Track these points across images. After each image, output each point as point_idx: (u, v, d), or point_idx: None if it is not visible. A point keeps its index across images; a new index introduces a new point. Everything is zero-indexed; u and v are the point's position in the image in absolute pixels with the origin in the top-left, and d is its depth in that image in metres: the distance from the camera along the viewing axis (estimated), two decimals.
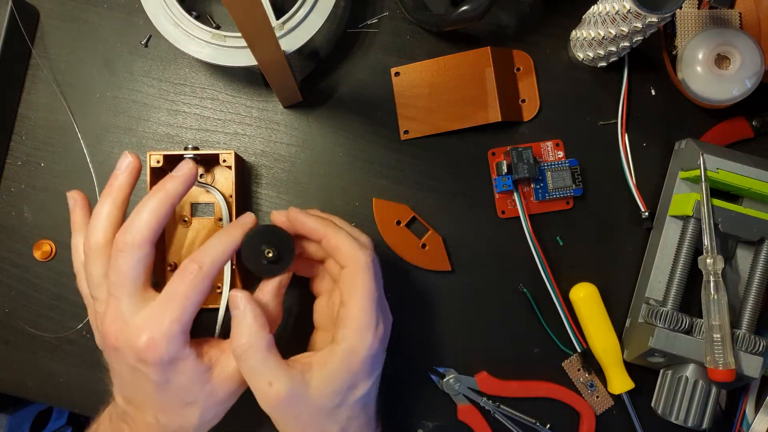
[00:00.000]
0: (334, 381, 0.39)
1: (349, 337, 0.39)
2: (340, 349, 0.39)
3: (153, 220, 0.39)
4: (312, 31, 0.47)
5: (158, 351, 0.37)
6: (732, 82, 0.49)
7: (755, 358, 0.46)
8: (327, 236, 0.41)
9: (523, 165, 0.50)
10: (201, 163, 0.50)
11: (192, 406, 0.40)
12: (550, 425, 0.52)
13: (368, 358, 0.39)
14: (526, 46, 0.54)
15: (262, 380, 0.38)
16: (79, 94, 0.52)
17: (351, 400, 0.40)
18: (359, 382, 0.40)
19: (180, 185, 0.40)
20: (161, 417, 0.40)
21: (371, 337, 0.39)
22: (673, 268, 0.49)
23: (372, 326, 0.39)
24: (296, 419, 0.39)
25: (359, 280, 0.40)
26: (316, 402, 0.39)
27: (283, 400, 0.38)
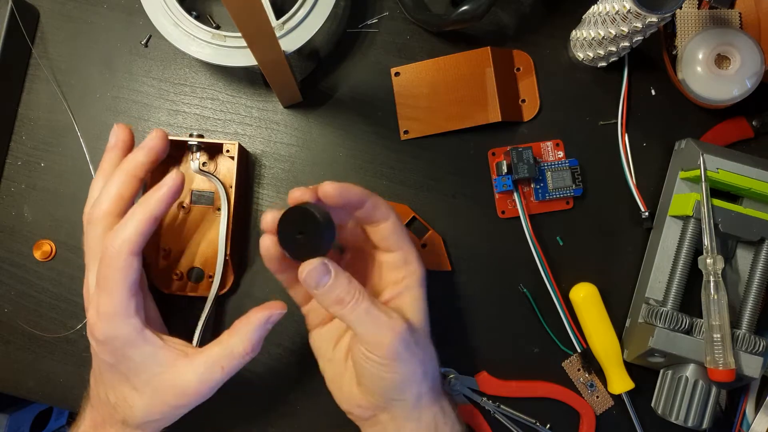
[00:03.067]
0: (423, 305, 0.43)
1: (415, 269, 0.43)
2: (414, 279, 0.43)
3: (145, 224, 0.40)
4: (312, 31, 0.47)
5: (98, 330, 0.40)
6: (732, 82, 0.49)
7: (755, 358, 0.46)
8: (371, 196, 0.42)
9: (523, 165, 0.50)
10: (205, 152, 0.50)
11: (137, 394, 0.40)
12: (550, 425, 0.52)
13: (423, 276, 0.44)
14: (526, 46, 0.54)
15: (382, 316, 0.39)
16: (79, 94, 0.52)
17: (421, 352, 0.42)
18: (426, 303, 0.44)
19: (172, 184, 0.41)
20: (110, 395, 0.41)
21: (422, 263, 0.44)
22: (673, 268, 0.49)
23: (419, 255, 0.44)
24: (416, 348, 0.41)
25: (399, 226, 0.43)
26: (421, 327, 0.42)
27: (405, 326, 0.40)
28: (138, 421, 0.41)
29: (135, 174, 0.43)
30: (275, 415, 0.51)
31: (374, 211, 0.42)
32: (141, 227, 0.39)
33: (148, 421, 0.41)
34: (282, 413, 0.51)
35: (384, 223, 0.42)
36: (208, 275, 0.50)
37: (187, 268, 0.51)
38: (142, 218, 0.40)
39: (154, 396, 0.40)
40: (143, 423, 0.41)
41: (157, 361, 0.40)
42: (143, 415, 0.41)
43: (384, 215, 0.42)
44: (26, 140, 0.52)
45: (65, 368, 0.51)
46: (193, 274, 0.51)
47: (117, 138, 0.45)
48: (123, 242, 0.39)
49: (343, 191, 0.40)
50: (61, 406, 0.52)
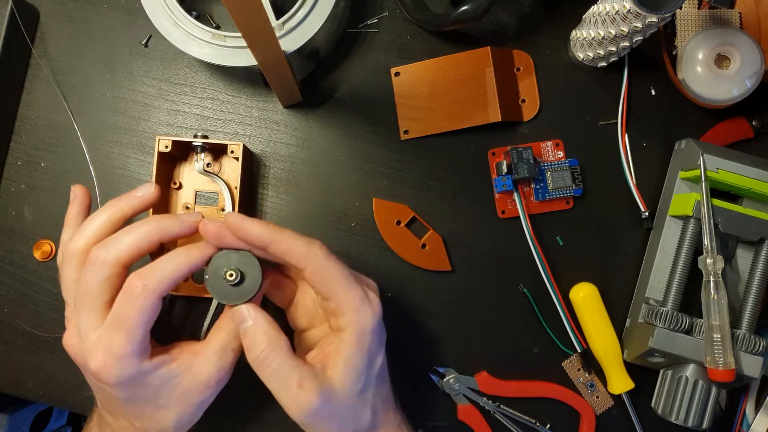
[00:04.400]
0: (354, 366, 0.39)
1: (351, 320, 0.38)
2: (348, 333, 0.38)
3: (135, 246, 0.38)
4: (312, 31, 0.47)
5: (112, 373, 0.37)
6: (732, 82, 0.49)
7: (755, 358, 0.46)
8: (274, 241, 0.38)
9: (523, 165, 0.50)
10: (209, 152, 0.50)
11: (165, 410, 0.40)
12: (550, 425, 0.52)
13: (375, 330, 0.39)
14: (526, 46, 0.54)
15: (292, 383, 0.37)
16: (79, 94, 0.52)
17: (372, 377, 0.40)
18: (375, 357, 0.40)
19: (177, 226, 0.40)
20: (136, 422, 0.40)
21: (369, 309, 0.39)
22: (673, 268, 0.49)
23: (364, 299, 0.39)
24: (330, 418, 0.38)
25: (325, 270, 0.38)
26: (345, 393, 0.38)
27: (317, 401, 0.37)
28: (172, 430, 0.41)
29: (118, 218, 0.41)
30: (275, 414, 0.51)
31: (285, 257, 0.38)
32: (178, 273, 0.38)
33: (180, 425, 0.41)
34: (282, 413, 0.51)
35: (303, 271, 0.38)
36: None
37: None
38: (181, 266, 0.38)
39: (180, 403, 0.40)
40: (177, 429, 0.41)
41: (172, 375, 0.39)
42: (176, 424, 0.40)
43: (298, 261, 0.38)
44: (26, 140, 0.52)
45: (65, 368, 0.51)
46: (197, 275, 0.51)
47: (75, 195, 0.44)
48: (155, 285, 0.37)
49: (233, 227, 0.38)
50: (61, 406, 0.52)
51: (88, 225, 0.40)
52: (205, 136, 0.49)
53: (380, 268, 0.52)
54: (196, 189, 0.51)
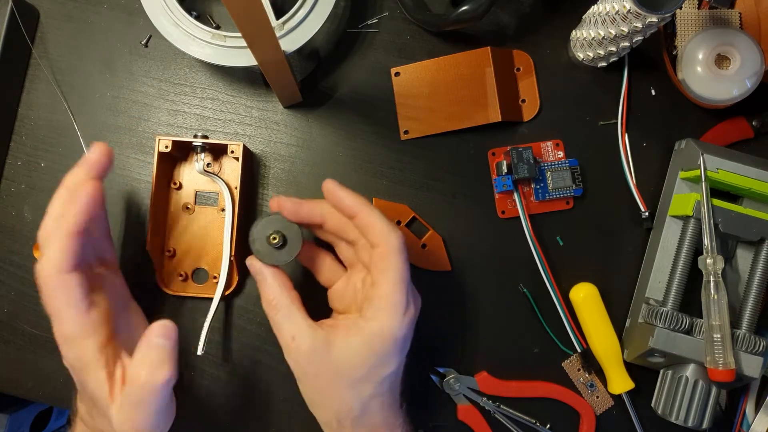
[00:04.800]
0: (356, 354, 0.39)
1: (379, 318, 0.39)
2: (369, 326, 0.39)
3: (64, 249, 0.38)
4: (312, 31, 0.47)
5: (63, 355, 0.39)
6: (732, 82, 0.49)
7: (755, 358, 0.46)
8: (361, 214, 0.41)
9: (523, 165, 0.50)
10: (209, 152, 0.50)
11: (104, 419, 0.39)
12: (550, 425, 0.52)
13: (397, 339, 0.40)
14: (526, 46, 0.54)
15: (287, 334, 0.40)
16: (79, 94, 0.52)
17: (377, 379, 0.40)
18: (386, 363, 0.40)
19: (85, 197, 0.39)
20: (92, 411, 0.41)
21: (401, 318, 0.39)
22: (673, 268, 0.49)
23: (402, 307, 0.39)
24: (316, 377, 0.40)
25: (391, 260, 0.40)
26: (336, 366, 0.40)
27: (304, 354, 0.39)
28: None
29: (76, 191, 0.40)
30: (275, 414, 0.51)
31: (365, 229, 0.41)
32: (62, 245, 0.38)
33: None
34: (282, 413, 0.51)
35: (374, 249, 0.41)
36: (213, 276, 0.50)
37: (192, 269, 0.51)
38: (62, 237, 0.38)
39: (112, 429, 0.39)
40: None
41: (104, 394, 0.38)
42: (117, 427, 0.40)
43: (374, 237, 0.40)
44: (26, 140, 0.52)
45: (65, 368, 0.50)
46: (197, 275, 0.51)
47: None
48: (48, 265, 0.37)
49: (329, 192, 0.42)
50: (61, 406, 0.52)
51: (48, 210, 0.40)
52: (205, 136, 0.49)
53: None
54: (196, 189, 0.51)
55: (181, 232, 0.51)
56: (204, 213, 0.51)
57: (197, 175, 0.51)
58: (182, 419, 0.43)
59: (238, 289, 0.51)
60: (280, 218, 0.43)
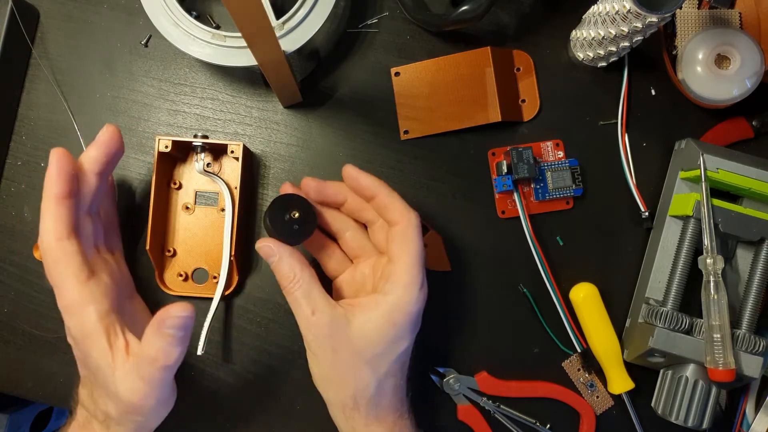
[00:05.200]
0: (375, 328, 0.41)
1: (397, 291, 0.41)
2: (386, 300, 0.41)
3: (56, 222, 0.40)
4: (312, 31, 0.47)
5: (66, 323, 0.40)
6: (732, 82, 0.49)
7: (755, 358, 0.46)
8: (381, 194, 0.43)
9: (523, 165, 0.50)
10: (209, 152, 0.50)
11: (107, 398, 0.40)
12: (550, 425, 0.52)
13: (413, 313, 0.41)
14: (526, 46, 0.54)
15: (307, 309, 0.41)
16: (79, 94, 0.52)
17: (392, 355, 0.41)
18: (402, 338, 0.41)
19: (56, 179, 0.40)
20: (93, 392, 0.41)
21: (417, 293, 0.41)
22: (673, 268, 0.49)
23: (419, 283, 0.41)
24: (334, 352, 0.41)
25: (410, 237, 0.42)
26: (355, 342, 0.41)
27: (323, 328, 0.40)
28: (117, 417, 0.40)
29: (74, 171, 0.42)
30: (275, 414, 0.51)
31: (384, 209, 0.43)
32: (53, 212, 0.39)
33: (125, 416, 0.40)
34: (282, 413, 0.51)
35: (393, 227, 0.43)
36: (213, 276, 0.50)
37: (192, 269, 0.51)
38: (49, 204, 0.39)
39: (114, 400, 0.40)
40: (122, 419, 0.40)
41: (107, 362, 0.39)
42: (118, 418, 0.40)
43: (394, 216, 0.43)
44: (26, 140, 0.52)
45: (65, 368, 0.51)
46: (197, 275, 0.51)
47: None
48: (45, 235, 0.39)
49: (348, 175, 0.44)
50: (61, 406, 0.52)
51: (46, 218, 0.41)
52: (205, 136, 0.49)
53: None
54: (196, 189, 0.51)
55: (181, 232, 0.51)
56: (204, 213, 0.51)
57: (197, 175, 0.51)
58: (182, 419, 0.43)
59: (238, 289, 0.51)
60: (295, 198, 0.44)
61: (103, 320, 0.39)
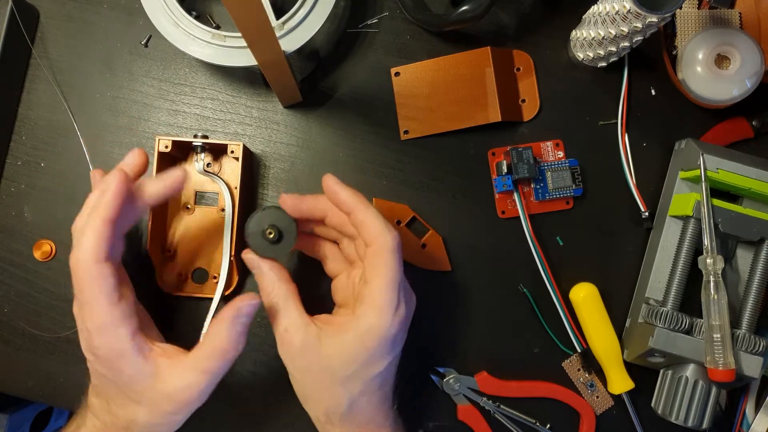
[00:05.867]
0: (347, 351, 0.40)
1: (368, 315, 0.39)
2: (359, 324, 0.40)
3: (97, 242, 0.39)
4: (312, 31, 0.47)
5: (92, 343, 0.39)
6: (732, 82, 0.49)
7: (755, 358, 0.46)
8: (356, 211, 0.41)
9: (523, 165, 0.50)
10: (209, 152, 0.50)
11: (136, 405, 0.40)
12: (550, 425, 0.52)
13: (386, 338, 0.40)
14: (526, 46, 0.54)
15: (281, 326, 0.41)
16: (79, 94, 0.52)
17: (366, 377, 0.40)
18: (376, 361, 0.40)
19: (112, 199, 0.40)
20: (112, 405, 0.41)
21: (390, 318, 0.39)
22: (673, 268, 0.49)
23: (392, 307, 0.39)
24: (306, 372, 0.41)
25: (383, 260, 0.40)
26: (326, 362, 0.40)
27: (296, 348, 0.40)
28: (141, 429, 0.40)
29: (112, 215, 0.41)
30: (275, 414, 0.51)
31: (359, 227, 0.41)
32: (97, 234, 0.38)
33: (151, 427, 0.41)
34: (282, 413, 0.51)
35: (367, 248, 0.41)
36: (213, 276, 0.50)
37: (192, 269, 0.51)
38: (97, 225, 0.39)
39: (151, 405, 0.40)
40: (146, 430, 0.41)
41: (146, 372, 0.39)
42: (145, 423, 0.40)
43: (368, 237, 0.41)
44: (26, 140, 0.52)
45: (65, 368, 0.51)
46: (197, 275, 0.51)
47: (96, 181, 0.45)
48: (86, 253, 0.38)
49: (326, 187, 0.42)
50: (61, 406, 0.52)
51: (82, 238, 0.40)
52: (205, 136, 0.49)
53: None
54: (196, 189, 0.51)
55: (181, 232, 0.51)
56: (204, 213, 0.51)
57: (197, 175, 0.51)
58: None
59: (238, 289, 0.51)
60: (277, 212, 0.43)
61: (134, 338, 0.39)
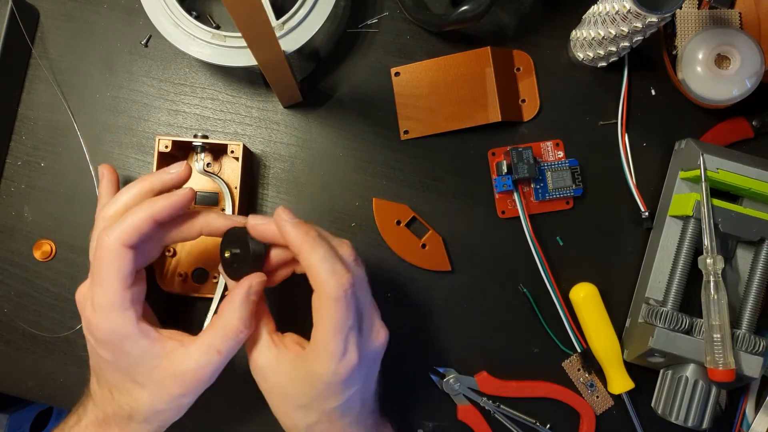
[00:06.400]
0: (298, 385, 0.40)
1: (312, 360, 0.39)
2: (307, 366, 0.39)
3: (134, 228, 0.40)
4: (312, 31, 0.47)
5: (96, 325, 0.39)
6: (732, 82, 0.49)
7: (755, 358, 0.46)
8: (302, 253, 0.38)
9: (523, 165, 0.50)
10: (209, 152, 0.50)
11: (141, 388, 0.40)
12: (550, 425, 0.52)
13: (333, 383, 0.39)
14: (526, 46, 0.54)
15: (247, 344, 0.42)
16: (79, 94, 0.52)
17: (321, 409, 0.40)
18: (329, 397, 0.39)
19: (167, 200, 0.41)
20: (115, 393, 0.41)
21: (334, 366, 0.38)
22: (673, 268, 0.49)
23: (336, 356, 0.38)
24: (267, 392, 0.42)
25: (327, 309, 0.37)
26: (282, 388, 0.41)
27: (257, 368, 0.41)
28: (144, 414, 0.41)
29: (148, 191, 0.43)
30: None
31: (306, 271, 0.39)
32: (138, 223, 0.39)
33: (155, 413, 0.41)
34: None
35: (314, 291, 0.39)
36: (213, 276, 0.50)
37: (192, 269, 0.51)
38: (143, 215, 0.39)
39: (157, 387, 0.40)
40: (150, 416, 0.41)
41: (154, 353, 0.40)
42: (149, 408, 0.40)
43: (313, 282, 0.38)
44: (26, 140, 0.52)
45: (65, 368, 0.51)
46: (197, 275, 0.51)
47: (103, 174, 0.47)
48: (117, 234, 0.39)
49: (276, 222, 0.40)
50: (61, 406, 0.52)
51: (120, 196, 0.42)
52: (205, 136, 0.49)
53: (380, 268, 0.52)
54: (196, 189, 0.51)
55: None
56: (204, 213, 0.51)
57: (197, 175, 0.51)
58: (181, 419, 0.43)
59: None
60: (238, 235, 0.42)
61: (140, 323, 0.40)
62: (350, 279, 0.38)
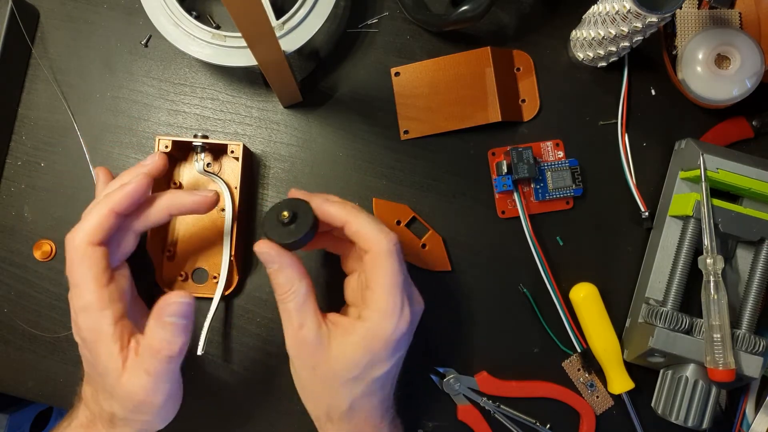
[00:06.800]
0: (352, 353, 0.40)
1: (373, 319, 0.39)
2: (363, 327, 0.40)
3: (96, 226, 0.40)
4: (312, 31, 0.47)
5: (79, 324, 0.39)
6: (732, 82, 0.49)
7: (755, 358, 0.46)
8: (348, 222, 0.40)
9: (523, 165, 0.50)
10: (209, 152, 0.50)
11: (112, 399, 0.40)
12: (550, 425, 0.52)
13: (391, 341, 0.40)
14: (526, 46, 0.54)
15: (295, 322, 0.40)
16: (79, 94, 0.52)
17: (369, 378, 0.40)
18: (378, 363, 0.40)
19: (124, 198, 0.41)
20: (98, 393, 0.41)
21: (395, 321, 0.39)
22: (673, 268, 0.49)
23: (396, 310, 0.39)
24: (313, 369, 0.40)
25: (382, 264, 0.39)
26: (332, 363, 0.40)
27: (308, 346, 0.40)
28: (121, 418, 0.40)
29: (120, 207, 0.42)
30: (276, 414, 0.51)
31: (355, 237, 0.41)
32: (99, 219, 0.39)
33: (128, 421, 0.40)
34: (282, 413, 0.51)
35: (365, 254, 0.40)
36: (213, 276, 0.50)
37: (192, 269, 0.51)
38: (102, 210, 0.40)
39: (121, 402, 0.40)
40: (128, 421, 0.41)
41: (116, 366, 0.39)
42: (123, 419, 0.40)
43: (365, 243, 0.40)
44: (26, 140, 0.52)
45: (65, 368, 0.51)
46: (197, 275, 0.51)
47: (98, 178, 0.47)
48: (81, 235, 0.39)
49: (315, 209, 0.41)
50: (61, 406, 0.52)
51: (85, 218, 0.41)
52: (205, 136, 0.49)
53: None
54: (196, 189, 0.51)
55: (181, 232, 0.51)
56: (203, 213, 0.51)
57: (197, 175, 0.51)
58: (181, 419, 0.43)
59: (238, 289, 0.51)
60: (294, 200, 0.42)
61: (116, 324, 0.39)
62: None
